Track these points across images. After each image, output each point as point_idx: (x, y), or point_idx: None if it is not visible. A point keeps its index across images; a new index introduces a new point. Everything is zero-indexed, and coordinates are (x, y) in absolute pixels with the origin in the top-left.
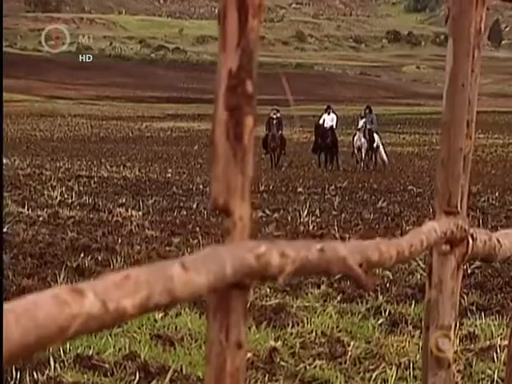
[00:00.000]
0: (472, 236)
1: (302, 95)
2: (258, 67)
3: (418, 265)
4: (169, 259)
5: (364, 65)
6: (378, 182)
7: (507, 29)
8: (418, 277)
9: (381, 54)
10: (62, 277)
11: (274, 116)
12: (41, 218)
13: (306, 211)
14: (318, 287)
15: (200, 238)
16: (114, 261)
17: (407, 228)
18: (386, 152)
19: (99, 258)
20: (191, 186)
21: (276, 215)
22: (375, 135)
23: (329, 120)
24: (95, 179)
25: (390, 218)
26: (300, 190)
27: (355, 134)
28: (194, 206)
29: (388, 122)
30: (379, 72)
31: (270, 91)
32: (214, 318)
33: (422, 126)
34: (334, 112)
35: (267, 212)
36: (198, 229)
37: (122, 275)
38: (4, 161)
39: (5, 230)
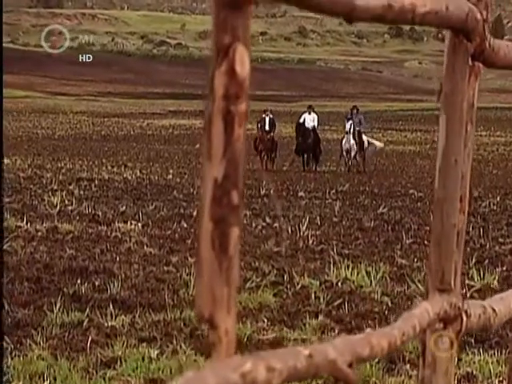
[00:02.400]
0: (466, 312)
1: (304, 91)
2: (261, 63)
3: (417, 287)
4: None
5: (366, 60)
6: (379, 184)
7: (510, 24)
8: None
9: (383, 49)
10: (58, 306)
11: (266, 117)
12: (39, 234)
13: (306, 221)
14: (316, 316)
15: None
16: (112, 286)
17: (407, 241)
18: (369, 141)
19: (96, 284)
20: (192, 190)
21: (276, 225)
22: (364, 136)
23: (310, 120)
24: (96, 182)
25: (390, 227)
26: (301, 194)
27: (343, 136)
28: (195, 213)
29: (390, 119)
30: (381, 67)
31: (272, 87)
32: None
33: (424, 123)
34: (315, 112)
35: (267, 220)
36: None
37: None
38: (5, 161)
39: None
